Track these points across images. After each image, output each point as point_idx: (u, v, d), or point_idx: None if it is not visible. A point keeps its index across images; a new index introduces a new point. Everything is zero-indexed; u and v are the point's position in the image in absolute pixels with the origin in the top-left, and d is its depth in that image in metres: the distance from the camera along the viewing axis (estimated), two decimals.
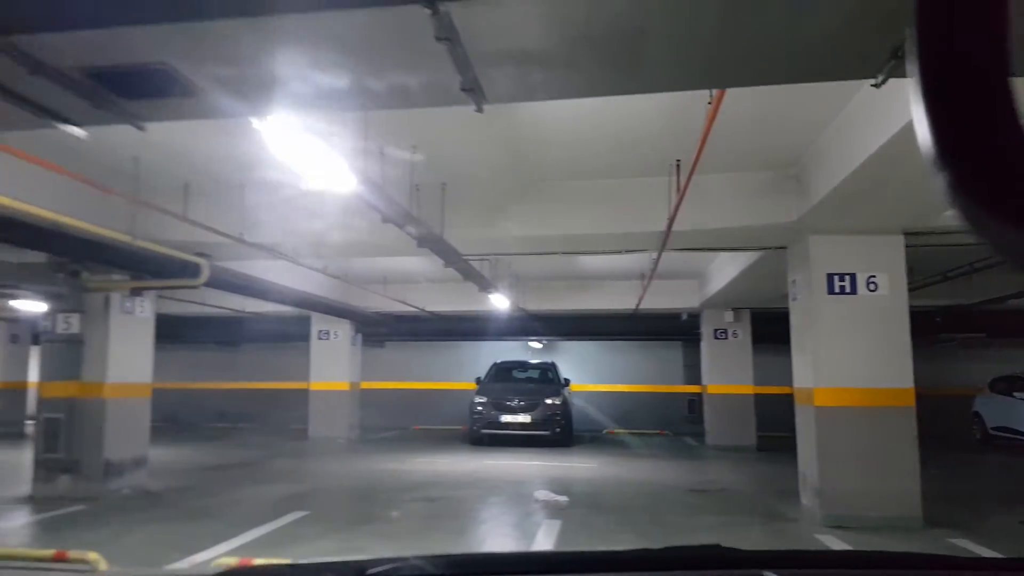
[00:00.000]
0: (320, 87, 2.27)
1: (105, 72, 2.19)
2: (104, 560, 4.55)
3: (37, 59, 2.11)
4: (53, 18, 1.92)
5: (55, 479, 7.53)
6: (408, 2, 1.79)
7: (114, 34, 1.96)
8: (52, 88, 2.25)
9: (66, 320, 7.58)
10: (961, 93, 0.34)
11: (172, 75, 2.16)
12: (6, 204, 5.26)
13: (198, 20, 1.87)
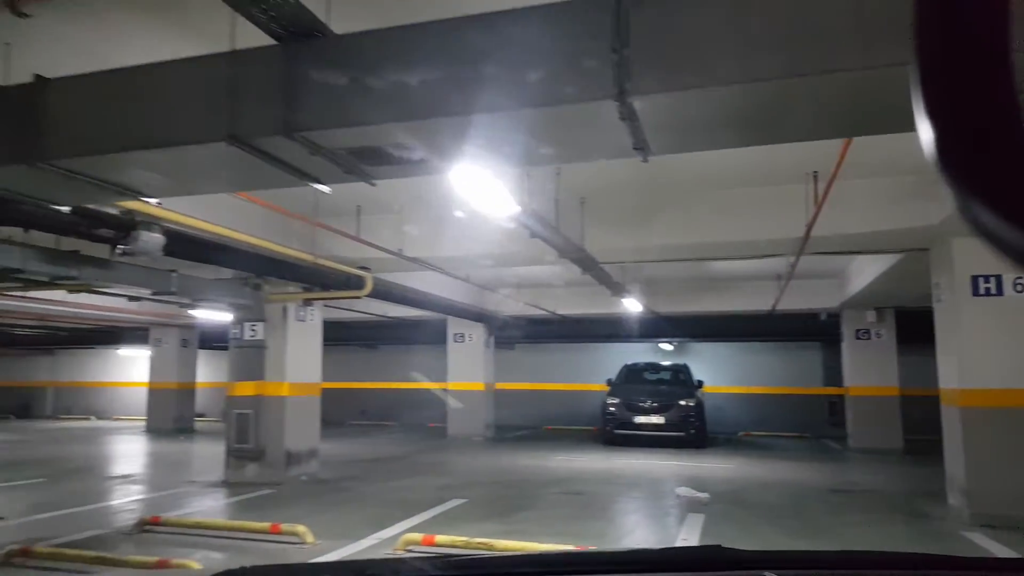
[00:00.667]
0: (514, 153, 2.97)
1: (360, 150, 2.99)
2: (311, 533, 5.58)
3: (318, 144, 2.95)
4: (344, 121, 2.73)
5: (244, 467, 8.88)
6: (602, 99, 2.43)
7: (380, 128, 2.75)
8: (319, 162, 3.10)
9: (252, 328, 8.92)
10: (963, 95, 0.33)
11: (408, 149, 2.93)
12: (221, 232, 6.46)
13: (442, 117, 2.61)
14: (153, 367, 17.63)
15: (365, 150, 3.00)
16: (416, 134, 2.80)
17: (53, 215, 5.24)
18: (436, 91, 2.65)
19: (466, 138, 2.73)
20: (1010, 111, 0.33)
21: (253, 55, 2.94)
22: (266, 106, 2.88)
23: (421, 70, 2.65)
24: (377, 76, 2.71)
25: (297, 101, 2.84)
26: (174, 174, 3.47)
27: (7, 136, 3.35)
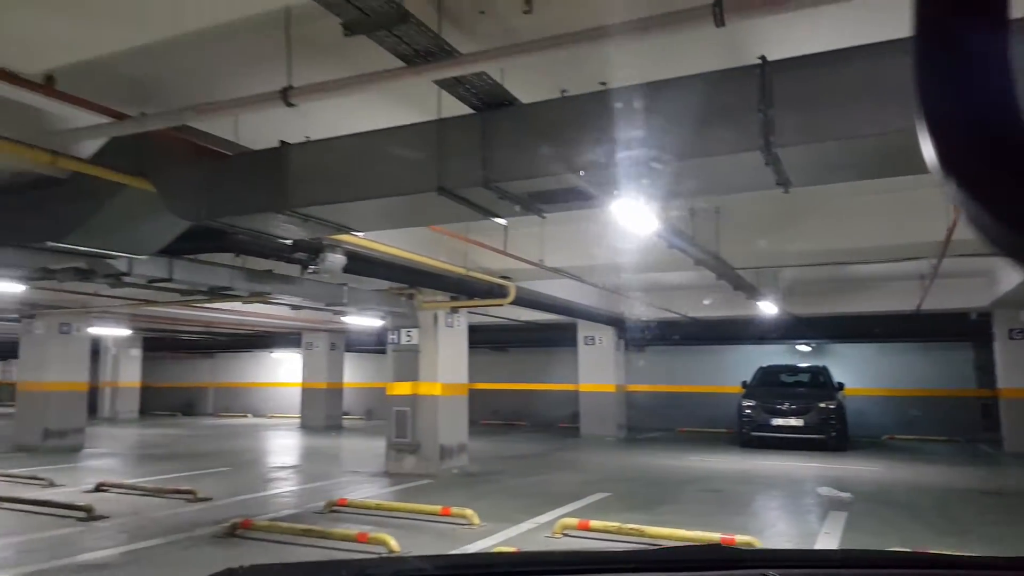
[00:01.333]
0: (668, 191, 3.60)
1: (539, 193, 3.73)
2: (477, 516, 6.44)
3: (506, 191, 3.71)
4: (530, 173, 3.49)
5: (403, 459, 9.97)
6: (750, 150, 3.00)
7: (558, 178, 3.48)
8: (504, 203, 3.87)
9: (407, 333, 10.00)
10: (964, 101, 0.34)
11: (581, 192, 3.63)
12: (388, 251, 7.46)
13: (612, 168, 3.30)
14: (305, 369, 19.51)
15: (543, 193, 3.72)
16: (588, 182, 3.49)
17: (263, 242, 6.39)
18: (607, 146, 3.33)
19: (630, 183, 3.39)
20: (1014, 119, 0.32)
21: (456, 122, 3.75)
22: (468, 162, 3.67)
23: (594, 130, 3.34)
24: (557, 136, 3.42)
25: (492, 158, 3.61)
26: (387, 216, 4.39)
27: (260, 189, 4.36)
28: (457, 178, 3.72)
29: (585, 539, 5.87)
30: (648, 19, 2.69)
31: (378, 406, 21.89)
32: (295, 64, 3.47)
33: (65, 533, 6.43)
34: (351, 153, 4.07)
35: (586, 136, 3.36)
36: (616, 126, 3.29)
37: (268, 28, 3.35)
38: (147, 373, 23.32)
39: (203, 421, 22.53)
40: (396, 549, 5.42)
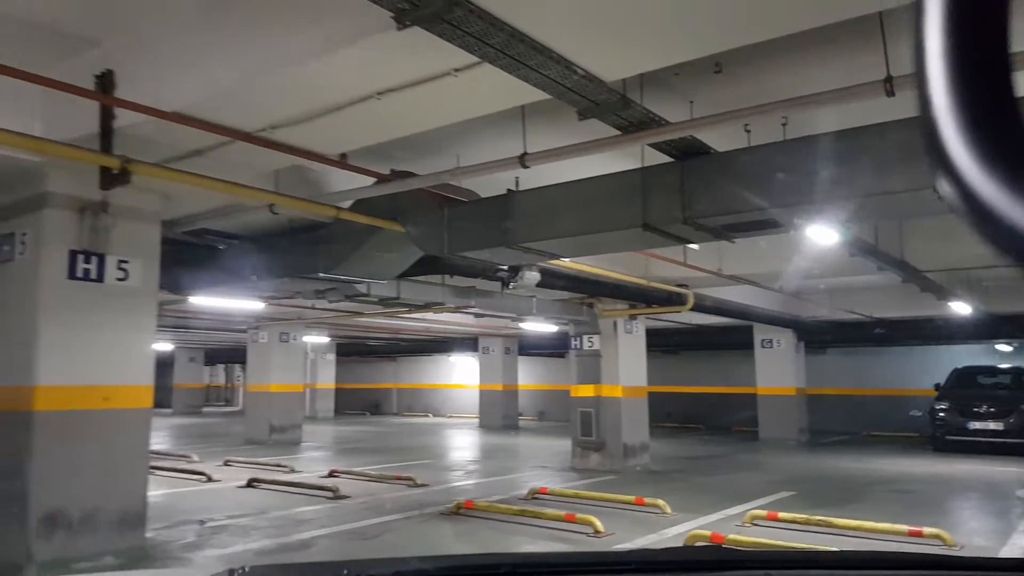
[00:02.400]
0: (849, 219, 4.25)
1: (733, 225, 4.52)
2: (668, 506, 7.28)
3: (702, 225, 4.55)
4: (725, 210, 4.31)
5: (588, 456, 10.96)
6: (924, 188, 3.61)
7: (751, 213, 4.25)
8: (700, 234, 4.69)
9: (589, 340, 10.98)
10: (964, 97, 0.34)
11: (770, 222, 4.37)
12: (576, 268, 8.46)
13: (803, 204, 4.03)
14: (482, 371, 21.14)
15: (735, 225, 4.51)
16: (780, 216, 4.23)
17: (474, 265, 7.61)
18: (797, 185, 4.05)
19: (818, 215, 4.10)
20: (1013, 119, 0.34)
21: (658, 169, 4.63)
22: (669, 203, 4.53)
23: (784, 172, 4.07)
24: (748, 179, 4.19)
25: (691, 198, 4.44)
26: (594, 247, 5.36)
27: (491, 228, 5.50)
28: (659, 216, 4.60)
29: (774, 529, 6.50)
30: (822, 94, 3.43)
31: (550, 407, 23.18)
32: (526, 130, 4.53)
33: (322, 508, 8.02)
34: (565, 198, 5.08)
35: (774, 178, 4.10)
36: (802, 169, 4.00)
37: (509, 113, 4.42)
38: (339, 376, 26.08)
39: (390, 420, 24.94)
40: (601, 530, 6.37)
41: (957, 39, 0.35)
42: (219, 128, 4.49)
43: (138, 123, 4.55)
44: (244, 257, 7.61)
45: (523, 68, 3.36)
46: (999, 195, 0.33)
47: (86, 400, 5.60)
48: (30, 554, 5.20)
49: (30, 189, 5.49)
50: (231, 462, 11.59)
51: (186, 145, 4.90)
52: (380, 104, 4.04)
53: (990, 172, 0.33)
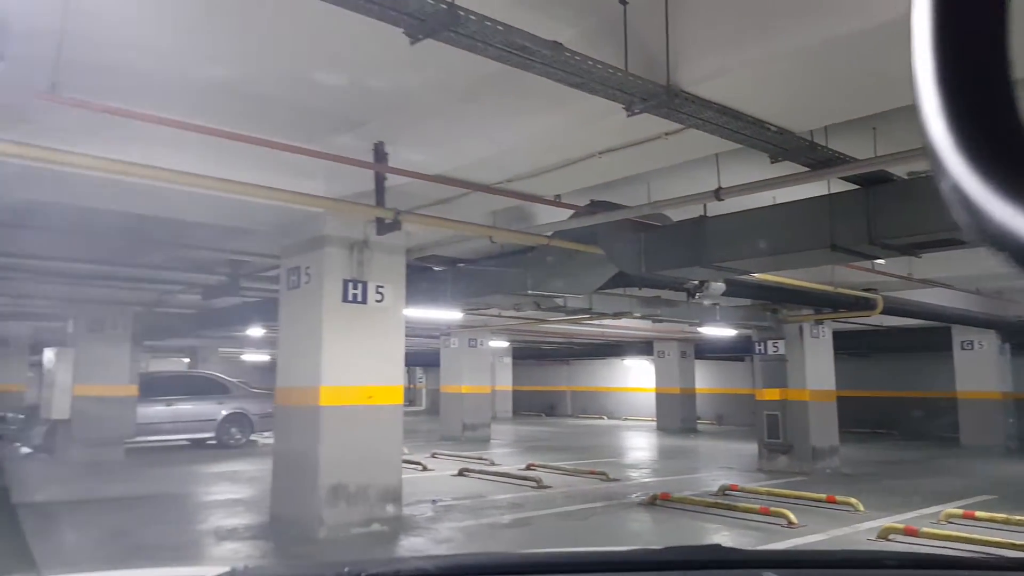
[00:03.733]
0: None
1: (921, 243, 5.08)
2: (860, 504, 7.75)
3: (888, 244, 5.14)
4: (913, 232, 4.90)
5: (775, 458, 11.40)
6: None
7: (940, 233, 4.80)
8: (886, 252, 5.28)
9: (773, 344, 11.43)
10: (965, 97, 0.35)
11: (956, 240, 4.88)
12: (763, 277, 9.03)
13: None
14: (658, 375, 21.75)
15: (921, 243, 5.06)
16: (962, 235, 4.74)
17: (662, 279, 8.46)
18: None
19: None
20: (1013, 119, 0.34)
21: (845, 195, 5.27)
22: (855, 225, 5.16)
23: None
24: (935, 201, 4.73)
25: (876, 220, 5.05)
26: (782, 264, 6.07)
27: (686, 249, 6.36)
28: (846, 238, 5.24)
29: (971, 527, 6.79)
30: None
31: (729, 411, 23.30)
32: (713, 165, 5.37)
33: (529, 495, 9.21)
34: (757, 222, 5.83)
35: None
36: None
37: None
38: (515, 378, 27.63)
39: (566, 421, 26.16)
40: (795, 522, 6.99)
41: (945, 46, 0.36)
42: (469, 184, 5.73)
43: (402, 183, 5.90)
44: (460, 276, 8.99)
45: (724, 131, 4.23)
46: (989, 196, 0.34)
47: (356, 398, 7.11)
48: (321, 517, 6.74)
49: (312, 232, 7.08)
50: (437, 455, 13.20)
51: (436, 196, 6.19)
52: (599, 160, 5.07)
53: (979, 172, 0.35)
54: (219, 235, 8.57)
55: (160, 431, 14.82)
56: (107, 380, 13.22)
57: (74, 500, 8.78)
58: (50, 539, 6.52)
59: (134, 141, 5.04)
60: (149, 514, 8.01)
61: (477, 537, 6.96)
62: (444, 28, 3.10)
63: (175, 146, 5.23)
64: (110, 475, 11.01)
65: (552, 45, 3.41)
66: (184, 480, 10.99)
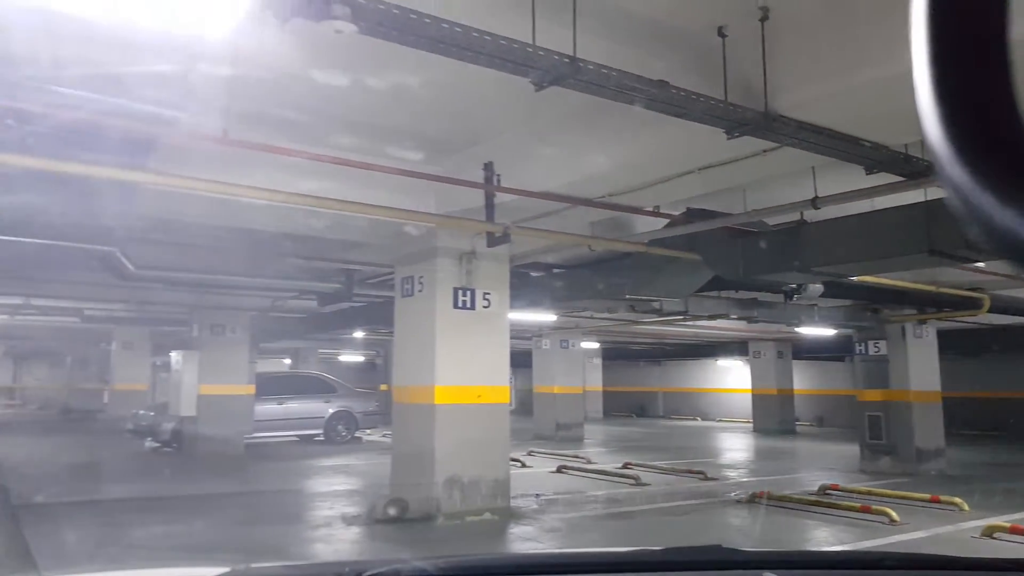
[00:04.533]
0: None
1: None
2: (966, 504, 7.86)
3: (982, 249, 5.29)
4: None
5: (878, 459, 11.41)
6: None
7: None
8: (983, 255, 5.47)
9: (875, 345, 11.45)
10: (964, 90, 0.36)
11: None
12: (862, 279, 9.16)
13: None
14: (754, 375, 21.66)
15: None
16: None
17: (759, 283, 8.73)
18: None
19: None
20: (1013, 116, 0.35)
21: (942, 200, 5.49)
22: (953, 229, 5.37)
23: None
24: None
25: None
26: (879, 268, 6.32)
27: (783, 255, 6.68)
28: (945, 242, 5.47)
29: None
30: None
31: (830, 413, 22.88)
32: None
33: (628, 491, 9.65)
34: (854, 228, 6.11)
35: None
36: None
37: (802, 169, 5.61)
38: (605, 379, 27.92)
39: (657, 422, 26.29)
40: (897, 519, 7.18)
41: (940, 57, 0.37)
42: (572, 199, 6.26)
43: (507, 199, 6.48)
44: (558, 281, 9.53)
45: (821, 148, 4.59)
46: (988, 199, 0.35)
47: (467, 396, 7.75)
48: (438, 506, 7.41)
49: (425, 244, 7.75)
50: (533, 453, 13.77)
51: (539, 209, 6.74)
52: (697, 174, 5.49)
53: (977, 178, 0.35)
54: (335, 247, 9.41)
55: (274, 427, 16.01)
56: (228, 380, 14.45)
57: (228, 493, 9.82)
58: (244, 521, 7.51)
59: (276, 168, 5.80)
60: (288, 501, 8.96)
61: (581, 527, 7.48)
62: (567, 77, 3.63)
63: (312, 173, 5.97)
64: (241, 468, 12.14)
65: (659, 84, 3.89)
66: (304, 473, 11.98)
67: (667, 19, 4.25)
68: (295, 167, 5.69)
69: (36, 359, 33.68)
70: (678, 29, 4.30)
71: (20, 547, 5.61)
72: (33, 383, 35.33)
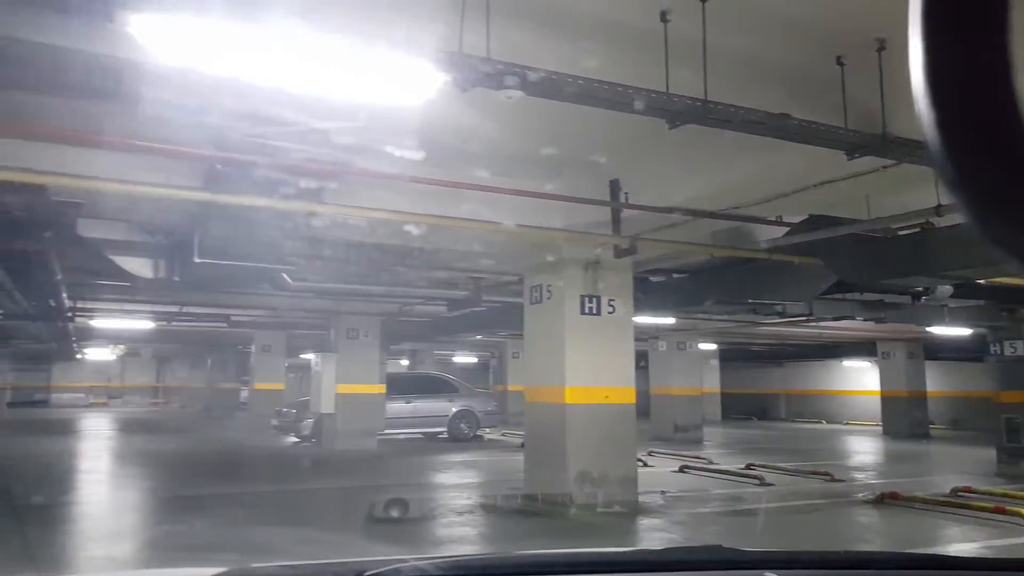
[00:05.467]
0: None
1: None
2: None
3: None
4: None
5: (1016, 463, 11.24)
6: None
7: None
8: None
9: (1011, 345, 11.29)
10: (965, 96, 0.37)
11: None
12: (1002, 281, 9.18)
13: None
14: (883, 377, 21.16)
15: None
16: None
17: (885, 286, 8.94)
18: None
19: None
20: (1015, 120, 0.35)
21: None
22: None
23: None
24: None
25: None
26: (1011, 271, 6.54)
27: (907, 259, 6.98)
28: None
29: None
30: None
31: (966, 415, 21.98)
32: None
33: (752, 491, 10.02)
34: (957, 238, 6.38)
35: None
36: None
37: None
38: (723, 380, 27.77)
39: (781, 425, 25.98)
40: None
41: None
42: (695, 212, 6.82)
43: (634, 213, 7.10)
44: (679, 286, 10.05)
45: None
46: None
47: (594, 397, 8.43)
48: (571, 498, 8.12)
49: (552, 255, 8.47)
50: (654, 453, 14.25)
51: (662, 221, 7.32)
52: (816, 189, 5.95)
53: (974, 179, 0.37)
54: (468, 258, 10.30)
55: (402, 425, 17.23)
56: (362, 380, 15.74)
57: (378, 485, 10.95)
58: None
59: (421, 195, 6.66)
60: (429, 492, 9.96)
61: (707, 521, 8.01)
62: (699, 118, 4.25)
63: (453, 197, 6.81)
64: (379, 462, 13.33)
65: (781, 116, 4.44)
66: (436, 467, 13.04)
67: (788, 57, 4.77)
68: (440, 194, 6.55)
69: (177, 360, 36.83)
70: (799, 64, 4.81)
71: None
72: (175, 383, 38.68)
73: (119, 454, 16.30)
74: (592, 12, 4.18)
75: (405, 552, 1.94)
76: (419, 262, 10.82)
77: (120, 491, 10.87)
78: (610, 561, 1.45)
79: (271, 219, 6.78)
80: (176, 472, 12.23)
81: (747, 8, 4.20)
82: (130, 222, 8.14)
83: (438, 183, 6.04)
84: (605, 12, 4.19)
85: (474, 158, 6.54)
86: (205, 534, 6.86)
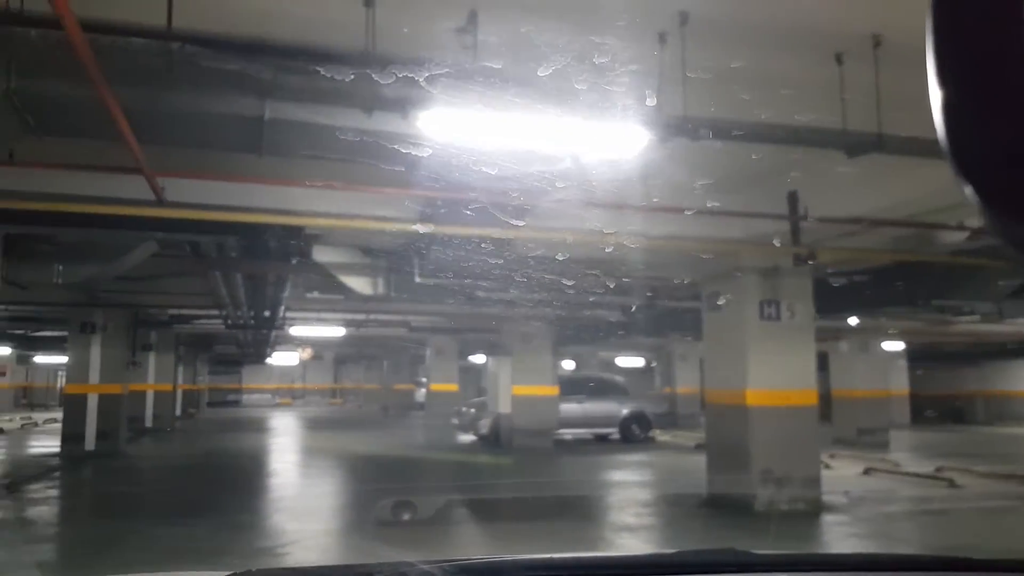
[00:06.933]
0: None
1: None
2: None
3: None
4: None
5: None
6: None
7: None
8: None
9: None
10: (980, 99, 0.39)
11: None
12: None
13: None
14: None
15: None
16: None
17: None
18: None
19: None
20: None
21: None
22: None
23: None
24: None
25: None
26: None
27: None
28: None
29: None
30: None
31: None
32: None
33: (940, 492, 10.20)
34: None
35: None
36: None
37: None
38: (912, 382, 26.64)
39: (979, 429, 24.65)
40: None
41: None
42: (879, 221, 7.37)
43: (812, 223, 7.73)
44: (861, 288, 10.44)
45: None
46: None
47: (776, 399, 9.09)
48: (755, 495, 8.84)
49: (730, 264, 9.20)
50: (836, 455, 14.43)
51: (844, 229, 7.88)
52: None
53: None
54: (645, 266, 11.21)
55: (575, 425, 18.35)
56: (536, 382, 17.02)
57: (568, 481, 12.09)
58: (604, 505, 9.59)
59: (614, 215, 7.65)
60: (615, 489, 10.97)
61: (893, 520, 8.47)
62: (875, 148, 4.98)
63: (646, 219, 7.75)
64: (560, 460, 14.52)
65: None
66: (613, 466, 14.06)
67: None
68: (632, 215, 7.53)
69: (352, 362, 40.14)
70: None
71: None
72: (350, 384, 42.15)
73: (340, 455, 18.27)
74: (775, 68, 5.02)
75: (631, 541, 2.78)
76: (602, 272, 11.85)
77: (351, 484, 12.65)
78: (624, 564, 1.52)
79: (478, 242, 8.07)
80: (392, 470, 13.87)
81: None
82: (352, 247, 9.78)
83: (652, 208, 6.98)
84: (783, 69, 5.01)
85: (663, 183, 7.46)
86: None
